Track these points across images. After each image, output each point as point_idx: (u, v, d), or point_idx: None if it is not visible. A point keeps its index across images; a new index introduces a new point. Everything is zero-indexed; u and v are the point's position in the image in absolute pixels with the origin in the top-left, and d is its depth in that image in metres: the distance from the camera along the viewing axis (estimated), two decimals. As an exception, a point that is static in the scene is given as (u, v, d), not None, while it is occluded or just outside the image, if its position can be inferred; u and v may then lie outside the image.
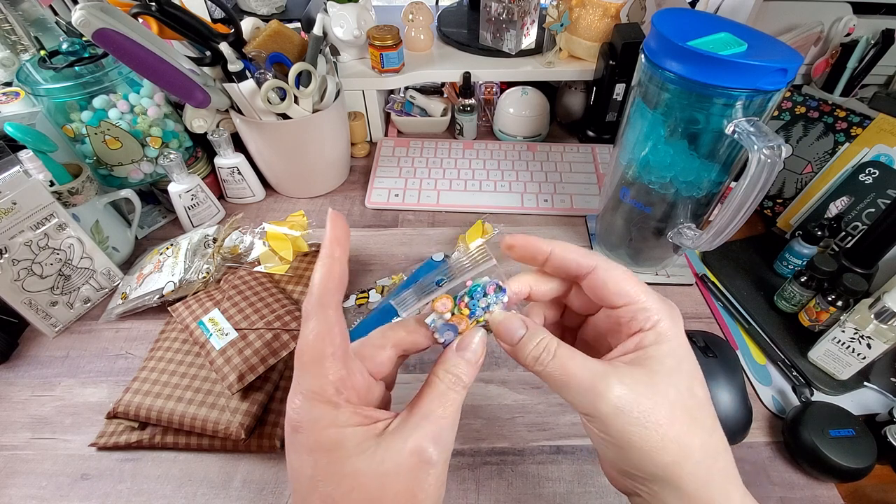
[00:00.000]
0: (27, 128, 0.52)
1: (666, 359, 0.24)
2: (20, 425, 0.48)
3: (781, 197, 0.69)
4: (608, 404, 0.23)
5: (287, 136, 0.65)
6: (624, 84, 0.73)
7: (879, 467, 0.45)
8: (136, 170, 0.64)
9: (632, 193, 0.54)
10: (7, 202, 0.49)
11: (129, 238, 0.64)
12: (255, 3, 0.87)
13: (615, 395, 0.23)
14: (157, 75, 0.55)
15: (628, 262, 0.62)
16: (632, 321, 0.25)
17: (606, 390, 0.23)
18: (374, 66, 0.75)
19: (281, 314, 0.49)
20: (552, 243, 0.27)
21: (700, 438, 0.24)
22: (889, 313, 0.45)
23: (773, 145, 0.40)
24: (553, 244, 0.27)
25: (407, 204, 0.71)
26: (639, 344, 0.25)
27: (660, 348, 0.24)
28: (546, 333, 0.26)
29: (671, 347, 0.25)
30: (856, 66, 0.72)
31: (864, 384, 0.51)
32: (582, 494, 0.44)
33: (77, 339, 0.56)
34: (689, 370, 0.25)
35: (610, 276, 0.26)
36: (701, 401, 0.25)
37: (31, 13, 0.69)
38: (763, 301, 0.59)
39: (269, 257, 0.56)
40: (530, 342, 0.26)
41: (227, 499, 0.43)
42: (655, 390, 0.24)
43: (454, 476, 0.45)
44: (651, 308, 0.25)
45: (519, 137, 0.81)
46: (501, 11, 0.74)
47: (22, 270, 0.52)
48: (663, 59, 0.44)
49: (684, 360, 0.25)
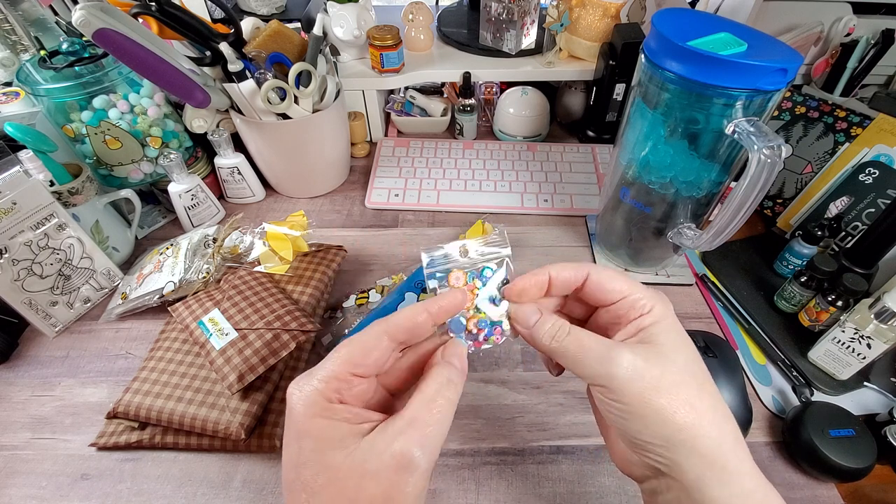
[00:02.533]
0: (27, 128, 0.52)
1: (665, 334, 0.26)
2: (20, 425, 0.48)
3: (781, 197, 0.69)
4: (622, 369, 0.25)
5: (287, 136, 0.65)
6: (624, 84, 0.73)
7: (879, 467, 0.45)
8: (136, 170, 0.64)
9: (632, 193, 0.54)
10: (7, 202, 0.49)
11: (129, 238, 0.64)
12: (255, 3, 0.87)
13: (627, 360, 0.25)
14: (157, 75, 0.55)
15: (628, 261, 0.62)
16: (630, 311, 0.28)
17: (619, 357, 0.25)
18: (374, 66, 0.75)
19: (281, 314, 0.49)
20: (546, 270, 0.29)
21: (709, 402, 0.25)
22: (889, 313, 0.45)
23: (773, 145, 0.40)
24: (547, 269, 0.29)
25: (407, 204, 0.71)
26: (638, 326, 0.27)
27: (658, 326, 0.27)
28: (556, 317, 0.29)
29: (668, 325, 0.27)
30: (856, 66, 0.72)
31: (864, 384, 0.51)
32: (582, 494, 0.44)
33: (77, 339, 0.56)
34: (687, 345, 0.27)
35: (603, 278, 0.28)
36: (704, 371, 0.27)
37: (31, 13, 0.69)
38: (763, 301, 0.59)
39: (269, 257, 0.56)
40: (546, 323, 0.28)
41: (227, 499, 0.43)
42: (664, 358, 0.25)
43: (454, 476, 0.45)
44: (644, 297, 0.27)
45: (519, 137, 0.81)
46: (501, 11, 0.74)
47: (22, 270, 0.52)
48: (663, 59, 0.44)
49: (681, 336, 0.27)
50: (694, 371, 0.26)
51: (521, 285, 0.29)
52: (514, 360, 0.53)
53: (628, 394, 0.25)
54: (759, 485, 0.25)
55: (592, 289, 0.29)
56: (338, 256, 0.60)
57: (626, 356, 0.25)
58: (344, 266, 0.62)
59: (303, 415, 0.24)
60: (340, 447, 0.23)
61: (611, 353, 0.26)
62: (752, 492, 0.24)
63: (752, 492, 0.24)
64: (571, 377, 0.51)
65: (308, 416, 0.24)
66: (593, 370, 0.26)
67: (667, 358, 0.25)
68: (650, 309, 0.27)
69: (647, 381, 0.25)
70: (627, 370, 0.25)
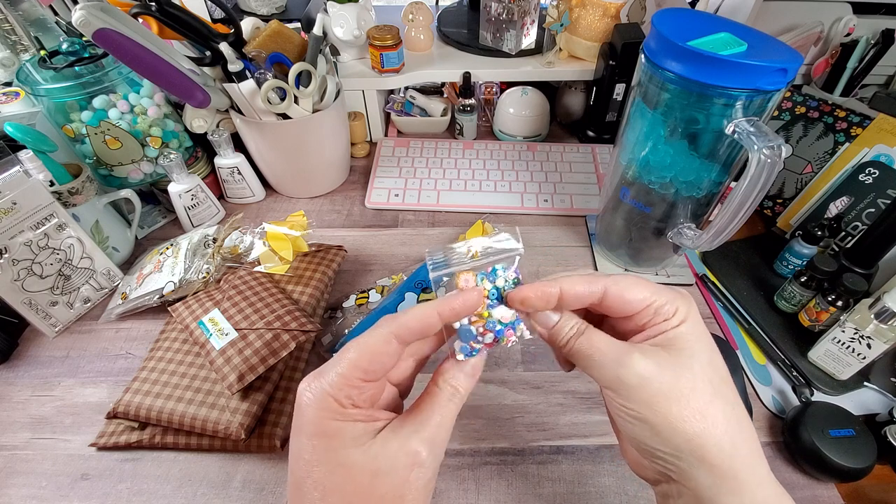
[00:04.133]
0: (27, 128, 0.52)
1: (685, 337, 0.26)
2: (20, 425, 0.48)
3: (781, 197, 0.69)
4: (633, 373, 0.24)
5: (287, 136, 0.65)
6: (624, 84, 0.73)
7: (879, 467, 0.45)
8: (136, 170, 0.64)
9: (632, 193, 0.54)
10: (7, 202, 0.49)
11: (129, 238, 0.64)
12: (255, 3, 0.87)
13: (639, 365, 0.24)
14: (157, 75, 0.55)
15: (628, 261, 0.62)
16: (655, 316, 0.26)
17: (631, 361, 0.25)
18: (374, 66, 0.75)
19: (281, 314, 0.49)
20: (558, 282, 0.27)
21: (723, 410, 0.24)
22: (889, 313, 0.45)
23: (773, 145, 0.40)
24: (559, 283, 0.27)
25: (407, 204, 0.71)
26: (659, 330, 0.26)
27: (678, 330, 0.26)
28: (577, 319, 0.28)
29: (688, 327, 0.26)
30: (856, 66, 0.72)
31: (864, 384, 0.51)
32: (582, 494, 0.44)
33: (77, 339, 0.56)
34: (707, 346, 0.26)
35: (624, 290, 0.27)
36: (722, 374, 0.26)
37: (31, 13, 0.69)
38: (763, 301, 0.59)
39: (269, 257, 0.56)
40: (565, 325, 0.27)
41: (227, 499, 0.43)
42: (677, 363, 0.25)
43: (454, 476, 0.45)
44: (668, 301, 0.26)
45: (519, 137, 0.81)
46: (501, 11, 0.74)
47: (22, 270, 0.52)
48: (663, 59, 0.44)
49: (701, 337, 0.26)
50: (710, 377, 0.25)
51: (524, 294, 0.27)
52: (514, 360, 0.53)
53: (637, 400, 0.24)
54: (771, 494, 0.24)
55: (612, 302, 0.27)
56: (338, 256, 0.60)
57: (639, 361, 0.25)
58: (344, 266, 0.62)
59: (316, 416, 0.24)
60: (354, 446, 0.23)
61: (622, 357, 0.25)
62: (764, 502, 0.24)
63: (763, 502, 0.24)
64: (571, 377, 0.51)
65: (322, 419, 0.24)
66: (604, 373, 0.25)
67: (682, 363, 0.25)
68: (674, 313, 0.26)
69: (657, 388, 0.24)
70: (638, 375, 0.24)
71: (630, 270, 0.62)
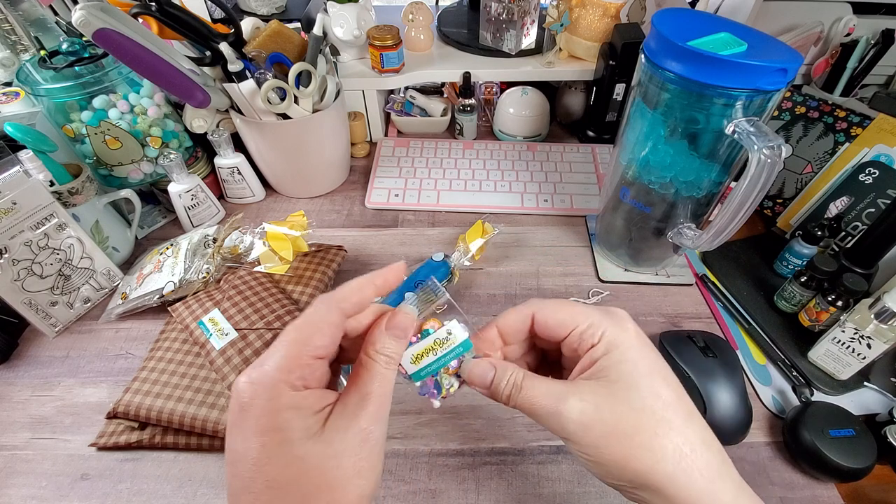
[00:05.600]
0: (27, 128, 0.52)
1: (619, 366, 0.25)
2: (20, 425, 0.48)
3: (781, 197, 0.69)
4: (572, 422, 0.24)
5: (287, 136, 0.65)
6: (624, 84, 0.73)
7: (879, 467, 0.45)
8: (136, 170, 0.64)
9: (632, 193, 0.54)
10: (7, 202, 0.49)
11: (129, 238, 0.64)
12: (255, 3, 0.87)
13: (577, 412, 0.24)
14: (157, 75, 0.55)
15: (628, 261, 0.62)
16: (581, 343, 0.26)
17: (568, 411, 0.24)
18: (374, 66, 0.75)
19: (281, 314, 0.49)
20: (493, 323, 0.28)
21: (671, 440, 0.24)
22: (889, 313, 0.45)
23: (773, 145, 0.40)
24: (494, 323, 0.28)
25: (407, 204, 0.71)
26: (591, 359, 0.26)
27: (610, 357, 0.25)
28: (513, 368, 0.27)
29: (622, 353, 0.25)
30: (856, 66, 0.72)
31: (864, 384, 0.51)
32: (582, 494, 0.44)
33: (77, 339, 0.56)
34: (647, 370, 0.25)
35: (546, 314, 0.27)
36: (667, 400, 0.25)
37: (31, 13, 0.69)
38: (763, 301, 0.59)
39: (269, 257, 0.56)
40: (501, 381, 0.26)
41: (227, 499, 0.43)
42: (616, 399, 0.24)
43: (454, 476, 0.45)
44: (593, 324, 0.26)
45: (519, 137, 0.81)
46: (501, 11, 0.74)
47: (22, 270, 0.52)
48: (663, 59, 0.44)
49: (639, 362, 0.25)
50: (651, 406, 0.24)
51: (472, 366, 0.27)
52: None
53: (584, 444, 0.24)
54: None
55: (541, 328, 0.27)
56: (338, 256, 0.60)
57: (574, 408, 0.24)
58: (344, 266, 0.62)
59: (266, 409, 0.22)
60: (307, 437, 0.23)
61: (559, 406, 0.24)
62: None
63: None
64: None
65: (273, 410, 0.22)
66: (549, 424, 0.25)
67: (619, 397, 0.24)
68: (601, 337, 0.26)
69: (599, 431, 0.24)
70: (577, 423, 0.24)
71: (630, 270, 0.62)
